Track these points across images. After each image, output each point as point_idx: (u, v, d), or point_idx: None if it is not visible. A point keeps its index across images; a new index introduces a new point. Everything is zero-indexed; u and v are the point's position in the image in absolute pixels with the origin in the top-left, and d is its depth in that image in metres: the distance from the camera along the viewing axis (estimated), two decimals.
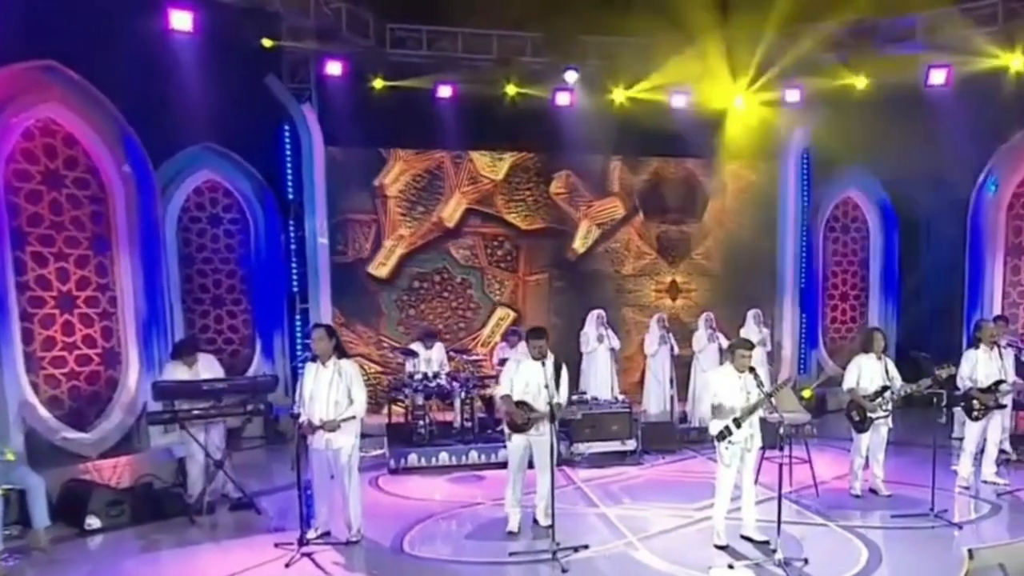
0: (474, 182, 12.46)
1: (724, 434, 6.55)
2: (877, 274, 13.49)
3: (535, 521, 7.25)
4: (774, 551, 6.23)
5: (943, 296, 11.59)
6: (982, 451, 8.34)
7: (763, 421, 6.73)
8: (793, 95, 12.52)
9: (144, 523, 7.48)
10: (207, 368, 8.18)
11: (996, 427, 8.25)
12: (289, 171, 11.84)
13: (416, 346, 10.49)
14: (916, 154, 11.47)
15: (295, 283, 11.86)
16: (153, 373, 9.19)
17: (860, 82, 11.86)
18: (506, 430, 7.15)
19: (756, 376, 6.58)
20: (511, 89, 11.88)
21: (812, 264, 13.26)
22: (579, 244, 12.87)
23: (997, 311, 10.64)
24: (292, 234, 11.87)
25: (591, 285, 12.81)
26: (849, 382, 8.01)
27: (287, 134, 11.76)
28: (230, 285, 11.71)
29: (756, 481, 6.96)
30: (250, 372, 11.21)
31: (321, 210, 11.73)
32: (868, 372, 7.93)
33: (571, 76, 11.91)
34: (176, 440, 8.41)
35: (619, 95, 12.34)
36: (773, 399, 6.49)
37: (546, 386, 6.69)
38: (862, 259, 13.61)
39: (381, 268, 12.24)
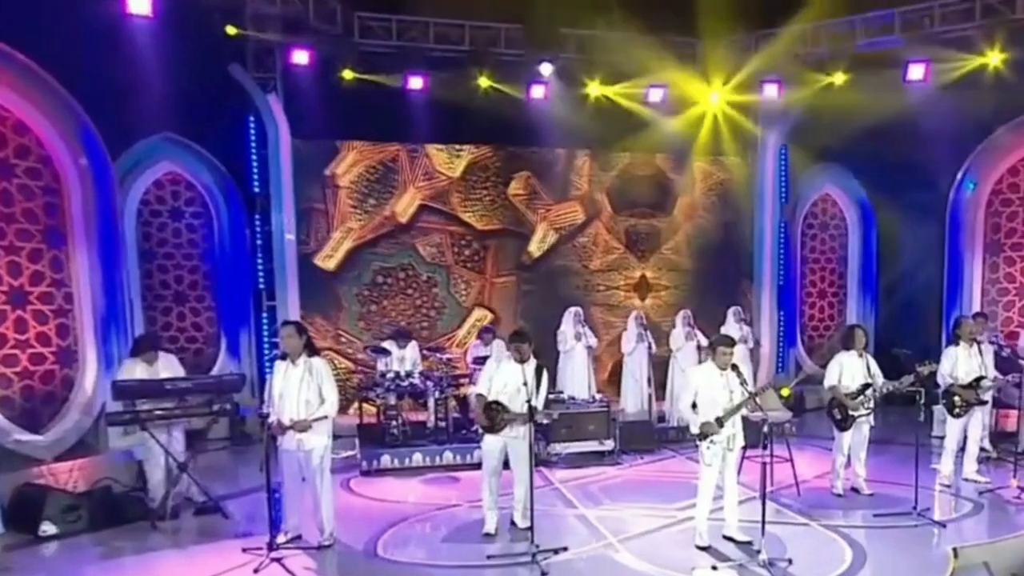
0: (429, 178, 12.29)
1: (706, 433, 6.54)
2: (855, 272, 13.64)
3: (512, 523, 7.21)
4: (758, 552, 6.24)
5: (922, 293, 11.76)
6: (962, 449, 8.45)
7: (744, 419, 6.74)
8: (771, 91, 12.62)
9: (103, 529, 7.30)
10: (168, 368, 8.00)
11: (977, 424, 8.38)
12: (254, 164, 11.67)
13: (389, 344, 10.39)
14: (895, 151, 11.68)
15: (261, 280, 11.69)
16: (112, 372, 8.96)
17: (838, 78, 11.97)
18: (480, 430, 7.09)
19: (739, 374, 6.59)
20: (484, 82, 11.79)
21: (790, 261, 13.39)
22: (535, 248, 12.74)
23: (976, 308, 10.79)
24: (258, 229, 11.71)
25: (558, 283, 12.78)
26: (831, 380, 8.06)
27: (252, 125, 11.58)
28: (193, 281, 11.51)
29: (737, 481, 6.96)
30: (215, 371, 11.02)
31: (288, 204, 11.56)
32: (850, 370, 8.00)
33: (546, 69, 11.88)
34: (136, 442, 8.20)
35: (594, 89, 12.36)
36: (758, 398, 6.50)
37: (524, 384, 6.64)
38: (840, 256, 13.75)
39: (328, 260, 12.00)
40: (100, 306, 9.36)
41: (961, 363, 8.26)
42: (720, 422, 6.51)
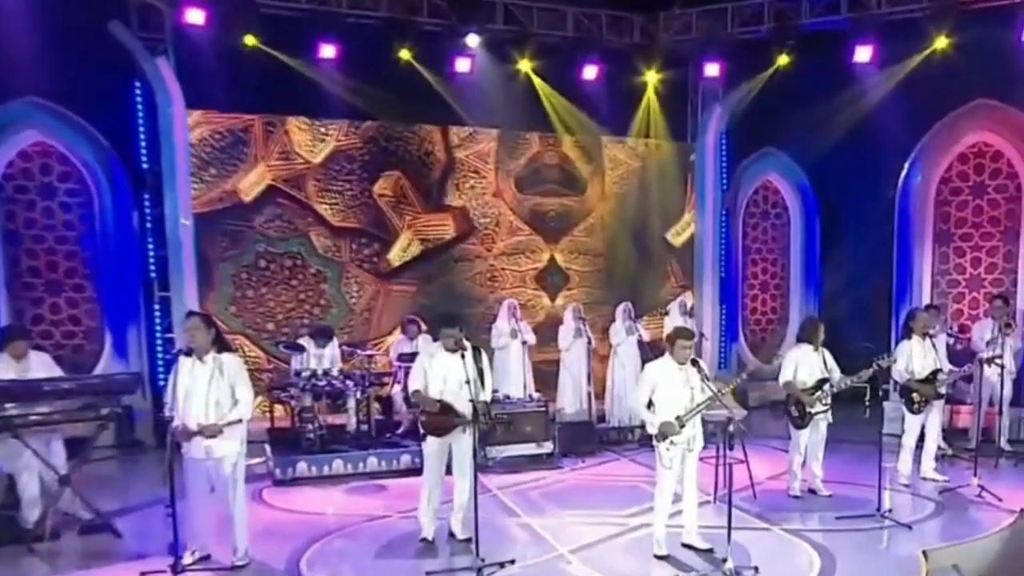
0: (285, 158, 11.68)
1: (665, 433, 6.44)
2: (798, 263, 13.91)
3: (451, 534, 6.99)
4: (724, 560, 6.16)
5: (869, 285, 12.04)
6: (919, 447, 8.65)
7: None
8: (712, 70, 12.75)
9: None
10: (41, 367, 7.35)
11: (935, 421, 8.59)
12: (142, 136, 10.99)
13: (305, 342, 9.97)
14: (840, 137, 11.95)
15: (153, 268, 11.03)
16: None
17: (783, 59, 12.16)
18: (423, 432, 6.80)
19: (700, 368, 6.53)
20: (404, 54, 11.45)
21: (731, 253, 13.53)
22: (395, 256, 12.26)
23: (926, 300, 11.15)
24: (148, 210, 11.05)
25: (458, 271, 12.58)
26: (786, 375, 8.12)
27: (138, 92, 10.91)
28: (69, 268, 10.82)
29: None
30: (99, 370, 10.36)
31: (184, 183, 10.94)
32: (806, 364, 8.07)
33: (473, 40, 11.65)
34: (6, 452, 7.51)
35: (525, 65, 12.22)
36: (723, 393, 6.45)
37: (467, 382, 6.42)
38: (782, 247, 14.01)
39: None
40: None
41: (916, 357, 8.46)
42: (680, 421, 6.41)
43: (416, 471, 8.77)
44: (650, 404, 6.56)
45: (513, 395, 9.94)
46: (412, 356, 9.87)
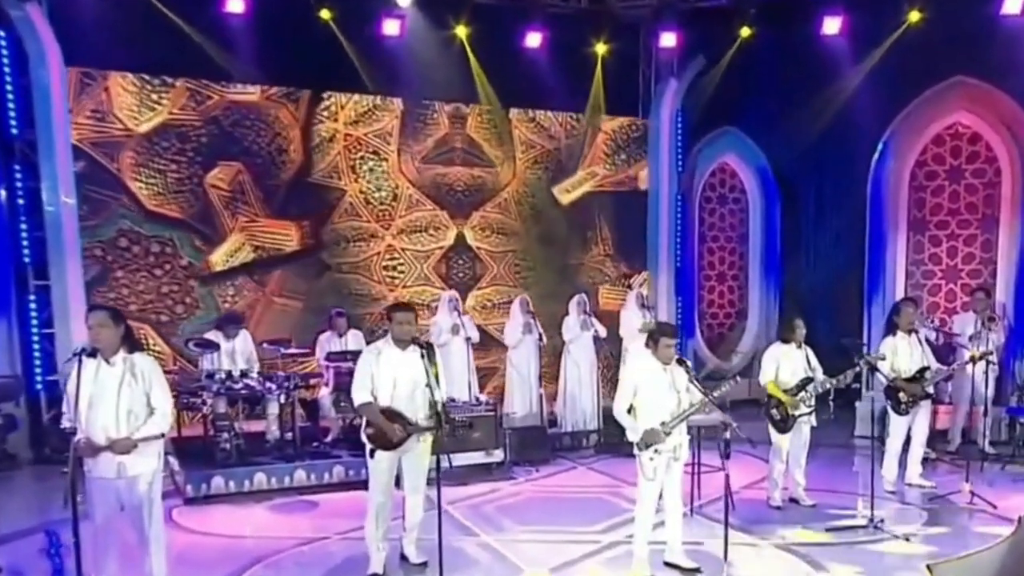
0: (100, 119, 10.66)
1: (649, 442, 6.25)
2: (758, 252, 14.01)
3: (403, 557, 6.68)
4: None
5: (837, 278, 12.17)
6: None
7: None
8: (669, 39, 12.66)
9: None
10: None
11: (922, 422, 8.63)
12: (10, 96, 10.27)
13: (214, 335, 9.44)
14: (805, 115, 12.02)
15: (27, 251, 10.29)
16: None
17: (745, 31, 12.16)
18: (368, 445, 6.42)
19: (688, 369, 6.41)
20: (325, 13, 11.04)
21: (687, 240, 13.50)
22: (218, 259, 11.18)
23: (900, 293, 11.27)
24: (19, 185, 10.30)
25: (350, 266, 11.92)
26: (767, 375, 8.08)
27: (3, 45, 10.19)
28: None
29: None
30: None
31: (64, 153, 10.21)
32: (789, 363, 8.05)
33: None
34: None
35: (461, 31, 11.96)
36: (715, 397, 6.31)
37: (427, 385, 6.14)
38: (740, 235, 14.10)
39: None
40: None
41: (902, 354, 8.48)
42: (666, 428, 6.24)
43: (351, 485, 8.63)
44: (630, 410, 6.37)
45: (458, 397, 9.61)
46: (343, 355, 9.62)
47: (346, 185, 11.86)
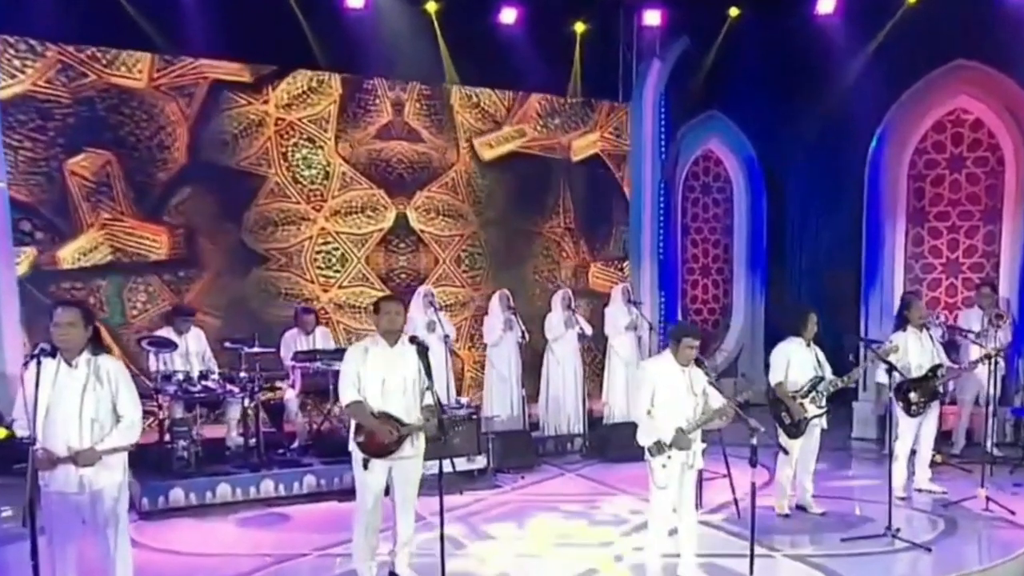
0: None
1: (665, 447, 6.14)
2: (743, 245, 14.03)
3: (392, 575, 6.46)
4: None
5: (830, 273, 12.17)
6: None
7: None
8: (652, 18, 12.57)
9: None
10: None
11: (932, 424, 8.64)
12: None
13: (167, 332, 9.11)
14: (798, 99, 12.00)
15: None
16: None
17: (733, 9, 12.12)
18: (357, 454, 6.19)
19: (707, 372, 6.34)
20: None
21: (670, 232, 13.43)
22: (68, 255, 10.21)
23: (900, 288, 11.33)
24: None
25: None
26: (777, 375, 7.95)
27: None
28: None
29: None
30: None
31: None
32: (799, 362, 7.94)
33: None
34: None
35: (432, 6, 11.69)
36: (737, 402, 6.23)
37: (426, 385, 6.12)
38: (725, 226, 14.08)
39: None
40: None
41: (913, 351, 8.45)
42: (684, 433, 6.12)
43: (323, 495, 8.45)
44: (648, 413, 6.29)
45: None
46: (310, 355, 9.38)
47: (276, 174, 11.28)
